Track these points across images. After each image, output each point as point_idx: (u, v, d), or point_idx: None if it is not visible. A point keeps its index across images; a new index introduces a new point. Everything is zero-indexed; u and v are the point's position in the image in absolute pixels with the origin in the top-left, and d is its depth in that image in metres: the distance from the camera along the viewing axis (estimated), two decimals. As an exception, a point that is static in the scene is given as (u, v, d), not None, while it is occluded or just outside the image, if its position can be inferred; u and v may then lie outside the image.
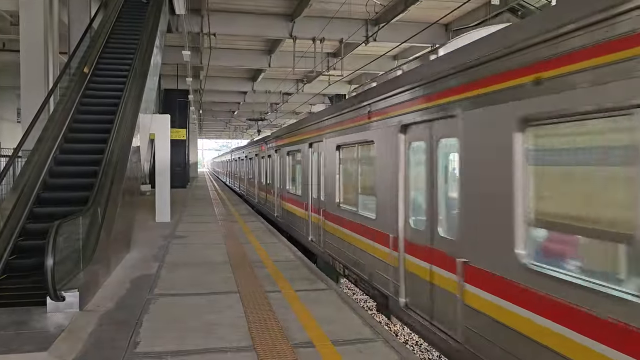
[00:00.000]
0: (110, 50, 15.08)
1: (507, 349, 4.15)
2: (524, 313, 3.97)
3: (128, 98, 12.08)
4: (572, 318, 3.45)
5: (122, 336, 5.29)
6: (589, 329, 3.29)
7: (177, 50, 21.21)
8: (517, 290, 4.05)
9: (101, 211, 8.32)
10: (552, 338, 3.63)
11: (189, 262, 9.17)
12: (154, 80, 15.79)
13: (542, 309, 3.77)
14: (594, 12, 3.23)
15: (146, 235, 12.29)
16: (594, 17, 3.22)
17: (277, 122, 51.86)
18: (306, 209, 11.86)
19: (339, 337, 5.29)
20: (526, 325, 3.93)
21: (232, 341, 5.17)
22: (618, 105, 3.12)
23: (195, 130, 55.75)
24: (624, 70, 3.04)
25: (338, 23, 19.47)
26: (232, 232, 12.95)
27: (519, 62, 4.03)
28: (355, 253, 8.19)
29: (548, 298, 3.70)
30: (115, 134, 10.72)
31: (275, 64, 25.35)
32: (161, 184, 15.48)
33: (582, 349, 3.30)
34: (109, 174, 9.52)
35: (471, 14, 18.58)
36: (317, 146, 10.91)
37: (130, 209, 10.78)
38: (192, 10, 18.74)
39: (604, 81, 3.17)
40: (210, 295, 6.95)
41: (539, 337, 3.79)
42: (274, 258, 9.57)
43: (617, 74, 3.09)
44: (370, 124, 7.40)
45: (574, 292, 3.46)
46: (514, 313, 4.10)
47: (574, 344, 3.40)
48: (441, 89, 5.29)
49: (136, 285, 7.52)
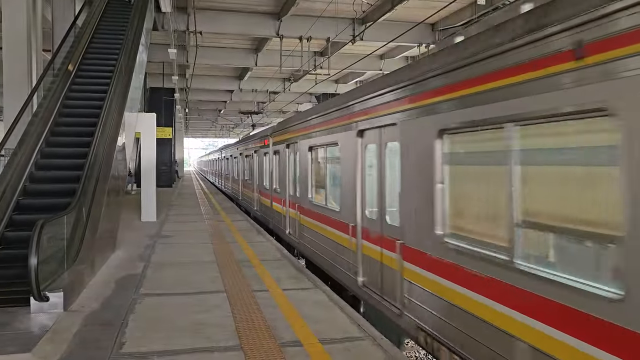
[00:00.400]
0: (94, 48, 14.90)
1: (434, 310, 5.20)
2: (445, 282, 4.98)
3: (113, 96, 11.94)
4: (478, 284, 4.46)
5: (107, 337, 5.24)
6: (490, 291, 4.29)
7: (163, 48, 21.07)
8: (440, 264, 5.09)
9: (86, 210, 8.22)
10: (465, 300, 4.64)
11: (176, 262, 9.11)
12: (140, 79, 15.66)
13: (457, 278, 4.78)
14: (464, 58, 4.69)
15: (132, 234, 12.19)
16: (467, 60, 4.64)
17: (263, 121, 51.76)
18: (284, 204, 12.80)
19: (327, 336, 5.29)
20: (448, 292, 4.93)
21: (219, 341, 5.14)
22: (495, 120, 4.26)
23: (182, 129, 55.47)
24: (492, 97, 4.26)
25: (325, 22, 19.47)
26: (218, 231, 12.89)
27: (435, 84, 5.21)
28: (322, 241, 9.28)
29: (461, 268, 4.71)
30: (100, 133, 10.59)
31: (261, 63, 25.28)
32: (147, 183, 15.36)
33: (485, 308, 4.33)
34: (94, 174, 9.40)
35: (457, 13, 18.68)
36: (293, 147, 12.00)
37: (115, 208, 10.68)
38: (178, 8, 18.61)
39: (484, 102, 4.38)
40: (197, 294, 6.91)
41: (457, 301, 4.76)
42: (261, 257, 9.54)
43: (489, 99, 4.31)
44: (336, 128, 8.42)
45: (479, 263, 4.45)
46: (437, 282, 5.12)
47: (478, 304, 4.43)
48: (387, 100, 6.36)
49: (122, 285, 7.45)
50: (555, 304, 3.55)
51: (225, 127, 65.59)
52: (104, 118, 10.92)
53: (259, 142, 17.26)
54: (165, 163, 31.70)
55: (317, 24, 19.35)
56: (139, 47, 14.45)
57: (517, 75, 3.95)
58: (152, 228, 13.42)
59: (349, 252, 7.66)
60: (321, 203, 9.46)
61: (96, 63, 14.13)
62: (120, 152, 11.32)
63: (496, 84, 4.22)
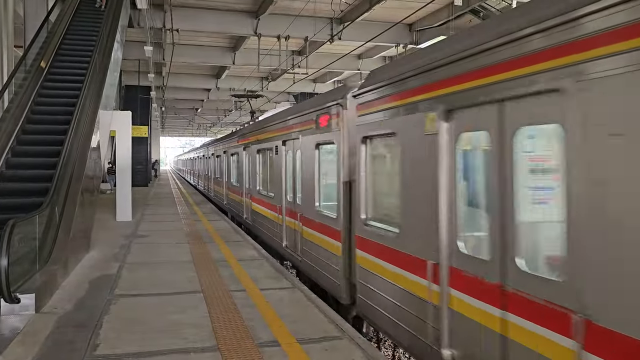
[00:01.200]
0: (68, 45, 14.63)
1: (317, 255, 8.16)
2: (318, 234, 8.13)
3: (87, 94, 11.73)
4: (324, 230, 7.76)
5: (81, 338, 5.13)
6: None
7: (139, 45, 20.78)
8: (313, 223, 8.38)
9: (59, 210, 8.06)
10: (318, 239, 7.95)
11: (151, 262, 8.99)
12: (115, 76, 15.43)
13: (322, 229, 7.97)
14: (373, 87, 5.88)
15: (106, 234, 11.99)
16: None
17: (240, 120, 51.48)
18: (243, 195, 15.42)
19: (305, 336, 5.27)
20: (314, 238, 8.25)
21: (195, 341, 5.08)
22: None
23: (158, 127, 54.84)
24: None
25: (303, 21, 19.44)
26: (195, 231, 12.77)
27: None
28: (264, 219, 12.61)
29: (316, 223, 7.69)
30: (73, 131, 10.40)
31: (239, 61, 25.14)
32: (122, 182, 15.14)
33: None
34: (67, 173, 9.22)
35: (434, 14, 18.85)
36: (249, 149, 14.66)
37: (89, 207, 10.50)
38: (154, 5, 18.38)
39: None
40: (173, 295, 6.83)
41: (314, 240, 8.11)
42: (238, 257, 9.48)
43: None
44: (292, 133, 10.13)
45: (324, 219, 7.72)
46: (314, 235, 8.38)
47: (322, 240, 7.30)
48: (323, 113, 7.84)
49: (96, 285, 7.32)
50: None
51: (202, 126, 65.06)
52: (77, 116, 10.72)
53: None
54: (141, 162, 31.29)
55: (295, 23, 19.31)
56: (114, 44, 14.24)
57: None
58: (127, 228, 13.22)
59: (276, 224, 10.97)
60: (263, 192, 12.69)
61: (70, 60, 13.88)
62: (94, 151, 11.12)
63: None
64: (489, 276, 3.91)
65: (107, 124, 13.30)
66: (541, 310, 3.36)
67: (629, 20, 2.76)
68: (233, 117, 49.67)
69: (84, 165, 9.84)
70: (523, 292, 3.53)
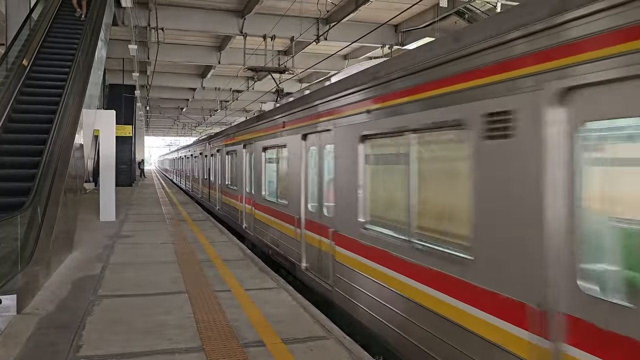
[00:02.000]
0: (51, 42, 14.45)
1: (263, 230, 10.59)
2: (261, 214, 10.90)
3: (70, 92, 11.61)
4: (273, 215, 10.09)
5: (63, 340, 5.07)
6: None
7: (124, 44, 20.59)
8: (261, 206, 10.89)
9: (41, 210, 7.96)
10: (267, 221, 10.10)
11: (135, 262, 8.92)
12: (99, 75, 15.27)
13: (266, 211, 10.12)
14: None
15: (90, 235, 11.86)
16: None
17: (226, 120, 51.30)
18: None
19: (290, 336, 5.26)
20: (264, 218, 10.61)
21: (180, 342, 5.05)
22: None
23: (142, 127, 54.39)
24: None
25: (289, 21, 19.42)
26: (180, 231, 12.69)
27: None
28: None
29: (267, 207, 9.98)
30: (56, 130, 10.28)
31: (225, 61, 25.03)
32: (106, 181, 14.99)
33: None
34: (50, 172, 9.11)
35: (420, 15, 18.96)
36: (221, 150, 17.14)
37: (72, 207, 10.37)
38: (139, 4, 18.24)
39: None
40: (157, 296, 6.78)
41: (260, 218, 10.52)
42: (223, 257, 9.44)
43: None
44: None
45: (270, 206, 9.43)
46: (258, 213, 11.14)
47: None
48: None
49: (79, 286, 7.23)
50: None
51: (187, 126, 64.69)
52: (60, 115, 10.60)
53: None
54: (125, 162, 30.99)
55: (281, 22, 19.29)
56: (97, 42, 14.09)
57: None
58: (111, 228, 13.10)
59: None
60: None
61: (53, 58, 13.71)
62: (77, 150, 11.00)
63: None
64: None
65: (91, 123, 13.16)
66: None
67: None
68: (218, 117, 49.47)
69: (67, 165, 9.72)
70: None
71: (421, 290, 4.64)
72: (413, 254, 4.83)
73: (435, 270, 4.40)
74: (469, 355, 3.93)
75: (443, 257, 4.34)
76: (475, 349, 3.87)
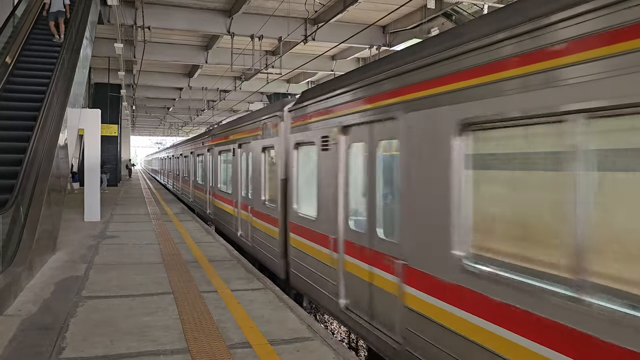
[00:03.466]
0: (35, 40, 14.26)
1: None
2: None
3: (55, 91, 11.45)
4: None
5: (46, 341, 4.99)
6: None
7: (109, 42, 20.39)
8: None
9: (24, 209, 7.83)
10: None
11: (120, 263, 8.82)
12: (84, 73, 15.09)
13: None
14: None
15: (74, 235, 11.73)
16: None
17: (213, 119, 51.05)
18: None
19: (277, 337, 5.24)
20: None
21: (165, 343, 5.00)
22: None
23: (128, 126, 53.92)
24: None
25: (277, 21, 19.37)
26: (166, 232, 12.59)
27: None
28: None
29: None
30: (40, 128, 10.13)
31: (212, 61, 24.87)
32: (90, 181, 14.83)
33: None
34: (33, 171, 8.98)
35: (408, 16, 19.02)
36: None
37: (56, 207, 10.23)
38: (125, 2, 18.07)
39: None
40: (142, 297, 6.71)
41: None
42: (209, 257, 9.37)
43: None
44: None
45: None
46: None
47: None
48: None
49: (62, 287, 7.14)
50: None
51: (174, 126, 64.28)
52: (44, 113, 10.46)
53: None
54: (111, 161, 30.71)
55: (269, 22, 19.23)
56: (83, 40, 13.93)
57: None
58: (95, 228, 12.96)
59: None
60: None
61: (37, 56, 13.54)
62: (62, 150, 10.86)
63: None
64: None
65: (75, 122, 13.01)
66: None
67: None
68: (205, 116, 49.23)
69: (51, 164, 9.60)
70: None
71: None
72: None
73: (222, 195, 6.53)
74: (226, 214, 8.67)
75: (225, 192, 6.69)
76: (228, 213, 9.56)
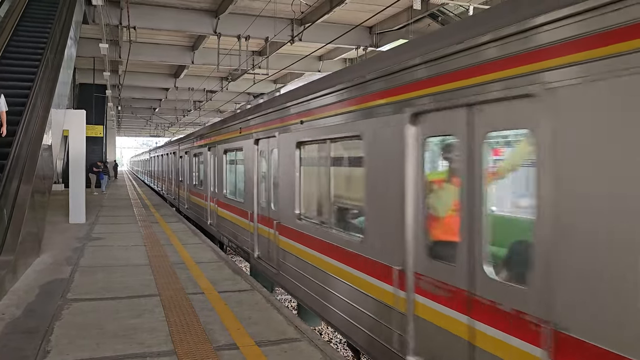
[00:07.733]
0: (18, 40, 14.11)
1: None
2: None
3: (38, 92, 11.34)
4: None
5: (30, 345, 4.94)
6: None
7: (94, 42, 20.21)
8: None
9: (7, 212, 7.75)
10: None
11: (106, 265, 8.75)
12: (68, 74, 14.96)
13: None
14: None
15: (58, 237, 11.61)
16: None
17: (200, 120, 50.81)
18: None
19: (264, 338, 5.24)
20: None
21: (152, 346, 4.98)
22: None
23: (114, 127, 53.49)
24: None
25: (263, 21, 19.33)
26: (152, 233, 12.51)
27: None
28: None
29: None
30: (23, 130, 10.03)
31: (198, 61, 24.77)
32: (75, 183, 14.69)
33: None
34: (17, 173, 8.88)
35: (395, 17, 19.09)
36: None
37: (40, 209, 10.13)
38: (110, 1, 17.92)
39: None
40: (128, 299, 6.66)
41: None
42: (196, 259, 9.34)
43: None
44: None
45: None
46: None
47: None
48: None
49: (47, 290, 7.06)
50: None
51: (160, 126, 63.85)
52: (28, 115, 10.36)
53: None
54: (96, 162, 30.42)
55: (255, 23, 19.19)
56: (67, 40, 13.80)
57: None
58: (80, 230, 12.84)
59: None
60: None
61: (20, 57, 13.40)
62: (46, 151, 10.75)
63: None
64: None
65: (60, 123, 12.89)
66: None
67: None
68: (192, 117, 48.99)
69: (35, 166, 9.50)
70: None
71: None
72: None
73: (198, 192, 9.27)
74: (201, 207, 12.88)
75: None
76: (202, 207, 13.38)
